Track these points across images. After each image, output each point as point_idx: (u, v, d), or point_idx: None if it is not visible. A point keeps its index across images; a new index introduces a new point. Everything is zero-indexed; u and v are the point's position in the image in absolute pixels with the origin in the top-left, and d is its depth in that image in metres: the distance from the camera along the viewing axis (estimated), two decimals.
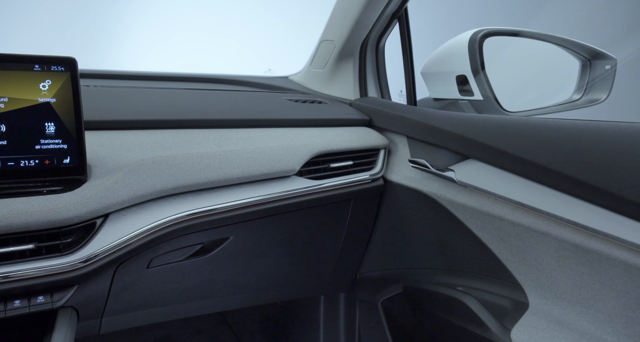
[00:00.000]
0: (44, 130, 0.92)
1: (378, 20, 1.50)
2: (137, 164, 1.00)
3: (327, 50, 1.65)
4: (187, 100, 1.39)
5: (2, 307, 0.85)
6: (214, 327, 1.82)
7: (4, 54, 0.87)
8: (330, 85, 1.71)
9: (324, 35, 1.65)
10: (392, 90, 1.64)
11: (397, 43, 1.51)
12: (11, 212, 0.83)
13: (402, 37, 1.46)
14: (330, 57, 1.65)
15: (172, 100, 1.36)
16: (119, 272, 1.00)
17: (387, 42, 1.59)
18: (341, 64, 1.65)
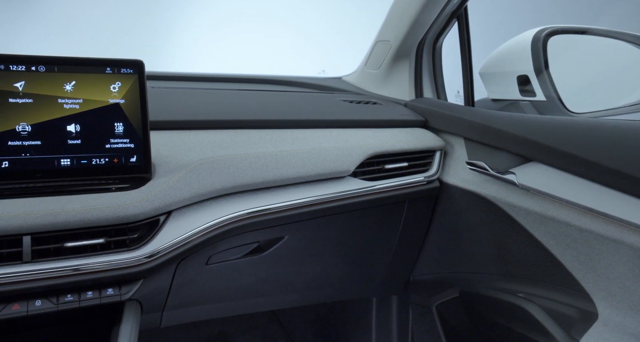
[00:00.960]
0: (114, 130, 0.96)
1: (436, 20, 1.47)
2: (197, 163, 1.03)
3: (383, 51, 1.64)
4: (244, 101, 1.42)
5: (77, 297, 0.89)
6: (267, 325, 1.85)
7: (80, 57, 0.92)
8: (385, 86, 1.70)
9: (379, 36, 1.63)
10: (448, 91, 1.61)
11: (450, 43, 1.49)
12: (84, 208, 0.88)
13: (461, 37, 1.43)
14: (385, 57, 1.63)
15: (229, 101, 1.40)
16: (180, 268, 1.03)
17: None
18: (396, 64, 1.63)
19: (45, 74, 0.90)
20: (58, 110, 0.92)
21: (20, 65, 0.88)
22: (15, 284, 0.83)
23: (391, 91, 1.68)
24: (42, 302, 0.87)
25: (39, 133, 0.90)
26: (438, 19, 1.47)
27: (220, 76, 1.74)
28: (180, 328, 1.68)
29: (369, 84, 1.76)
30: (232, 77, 1.76)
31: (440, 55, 1.58)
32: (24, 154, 0.90)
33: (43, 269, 0.84)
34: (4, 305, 0.84)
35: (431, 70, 1.60)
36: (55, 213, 0.85)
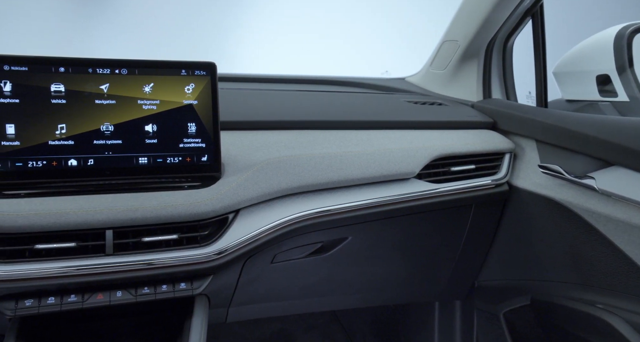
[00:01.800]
0: (187, 130, 1.00)
1: (508, 19, 1.42)
2: (264, 163, 1.05)
3: (450, 51, 1.60)
4: (309, 102, 1.44)
5: (153, 290, 0.94)
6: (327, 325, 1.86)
7: (158, 60, 0.97)
8: (451, 86, 1.66)
9: (446, 35, 1.60)
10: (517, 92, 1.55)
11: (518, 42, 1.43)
12: (160, 205, 0.92)
13: (535, 35, 1.37)
14: (452, 57, 1.60)
15: (295, 102, 1.42)
16: (247, 265, 1.06)
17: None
18: (464, 64, 1.59)
19: (127, 77, 0.95)
20: (137, 111, 0.97)
21: (106, 68, 0.93)
22: (99, 275, 0.88)
23: (457, 92, 1.64)
24: (123, 293, 0.93)
25: (120, 133, 0.96)
26: (510, 18, 1.41)
27: (286, 77, 1.77)
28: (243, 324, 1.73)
29: (434, 84, 1.73)
30: (297, 78, 1.78)
31: (511, 54, 1.52)
32: (107, 153, 0.95)
33: (123, 262, 0.89)
34: (90, 294, 0.90)
35: (500, 70, 1.55)
36: (135, 209, 0.90)
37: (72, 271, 0.86)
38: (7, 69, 0.87)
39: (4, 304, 0.86)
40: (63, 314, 0.90)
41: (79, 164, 0.93)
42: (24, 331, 0.90)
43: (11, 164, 0.89)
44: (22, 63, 0.88)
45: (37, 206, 0.85)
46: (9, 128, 0.88)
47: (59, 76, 0.91)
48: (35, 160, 0.91)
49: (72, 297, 0.89)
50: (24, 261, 0.84)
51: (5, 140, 0.88)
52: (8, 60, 0.87)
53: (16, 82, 0.88)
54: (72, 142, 0.93)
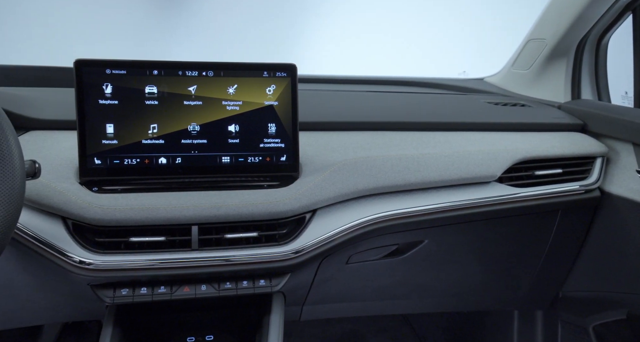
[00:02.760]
0: (267, 131, 1.03)
1: (604, 15, 1.33)
2: (341, 163, 1.06)
3: (535, 50, 1.53)
4: (385, 103, 1.43)
5: (234, 285, 0.97)
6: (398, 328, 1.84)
7: (242, 63, 1.00)
8: (535, 87, 1.58)
9: (532, 34, 1.53)
10: None
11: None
12: (241, 203, 0.95)
13: (636, 31, 1.27)
14: (538, 57, 1.52)
15: (370, 103, 1.41)
16: (323, 265, 1.07)
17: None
18: (551, 64, 1.51)
19: (213, 79, 0.99)
20: (222, 112, 1.01)
21: (194, 71, 0.98)
22: (185, 268, 0.93)
23: (542, 93, 1.56)
24: (207, 287, 0.97)
25: (205, 132, 1.00)
26: (607, 13, 1.32)
27: (362, 78, 1.77)
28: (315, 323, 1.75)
29: (516, 85, 1.65)
30: (374, 79, 1.78)
31: (606, 53, 1.42)
32: (193, 152, 1.00)
33: (207, 257, 0.93)
34: (177, 287, 0.95)
35: (592, 70, 1.46)
36: (218, 206, 0.94)
37: (162, 264, 0.91)
38: (108, 73, 0.94)
39: (104, 291, 0.93)
40: (153, 304, 0.96)
41: (168, 162, 0.99)
42: (119, 318, 0.97)
43: (110, 161, 0.96)
44: (121, 67, 0.94)
45: (132, 201, 0.91)
46: (108, 128, 0.95)
47: (153, 79, 0.96)
48: (130, 158, 0.97)
49: (161, 288, 0.95)
50: (120, 253, 0.91)
51: (106, 139, 0.95)
52: (109, 64, 0.94)
53: (116, 84, 0.95)
54: (162, 142, 0.98)
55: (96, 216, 0.88)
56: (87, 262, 0.88)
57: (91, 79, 0.93)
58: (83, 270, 0.88)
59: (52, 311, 1.08)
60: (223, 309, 1.10)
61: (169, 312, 1.08)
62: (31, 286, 0.99)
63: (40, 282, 0.98)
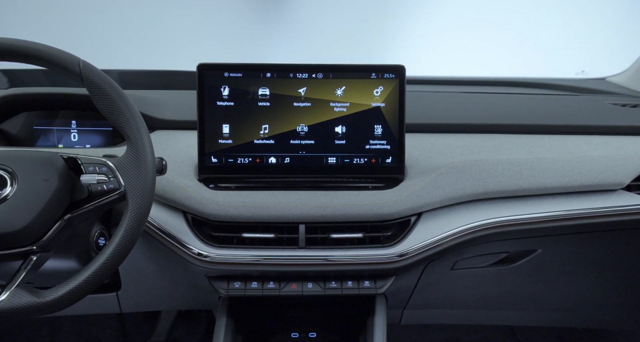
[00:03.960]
0: (373, 132, 1.03)
1: None
2: (448, 166, 1.03)
3: None
4: (495, 104, 1.36)
5: (339, 285, 0.99)
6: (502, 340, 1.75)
7: (350, 64, 1.01)
8: None
9: None
10: None
11: None
12: (347, 203, 0.96)
13: None
14: None
15: (479, 104, 1.36)
16: (427, 269, 1.05)
17: None
18: None
19: (322, 81, 1.02)
20: (329, 113, 1.02)
21: (304, 73, 1.01)
22: (293, 266, 0.96)
23: None
24: (313, 285, 1.00)
25: (313, 133, 1.03)
26: None
27: (470, 79, 1.70)
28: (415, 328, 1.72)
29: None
30: (481, 80, 1.70)
31: None
32: (301, 152, 1.03)
33: (314, 256, 0.96)
34: (285, 283, 0.99)
35: None
36: (325, 206, 0.96)
37: (270, 260, 0.95)
38: (226, 76, 1.00)
39: (219, 283, 0.99)
40: (261, 298, 1.00)
41: (278, 161, 1.03)
42: (231, 309, 1.03)
43: (225, 160, 1.02)
44: (238, 70, 1.00)
45: (245, 198, 0.96)
46: (224, 128, 1.01)
47: (266, 81, 1.01)
48: (243, 157, 1.02)
49: (270, 284, 0.99)
50: (232, 247, 0.96)
51: (222, 138, 1.01)
52: (228, 67, 0.99)
53: (232, 86, 1.00)
54: (272, 142, 1.02)
55: (213, 212, 0.94)
56: (204, 255, 0.94)
57: (211, 81, 1.00)
58: (201, 261, 0.94)
59: (171, 298, 1.17)
60: (326, 307, 1.12)
61: (274, 307, 1.12)
62: (155, 274, 1.08)
63: (163, 271, 1.07)
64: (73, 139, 1.16)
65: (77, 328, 1.60)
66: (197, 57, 1.03)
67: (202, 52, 3.23)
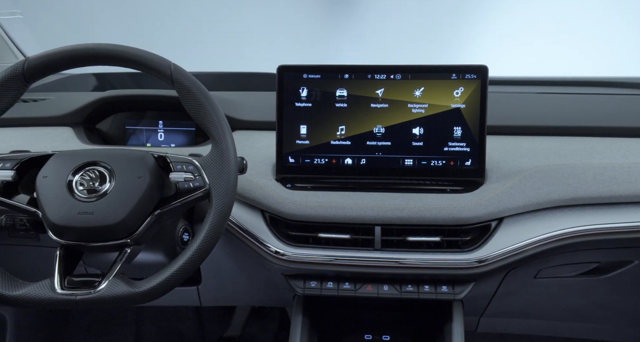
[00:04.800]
0: (452, 134, 1.01)
1: None
2: (532, 170, 0.98)
3: None
4: (584, 106, 1.28)
5: (416, 289, 0.97)
6: None
7: (430, 65, 0.99)
8: None
9: None
10: None
11: None
12: (424, 206, 0.94)
13: None
14: None
15: (567, 105, 1.28)
16: (508, 277, 1.01)
17: None
18: None
19: (400, 82, 1.00)
20: (407, 115, 1.01)
21: (382, 74, 1.00)
22: (368, 267, 0.95)
23: None
24: (389, 288, 0.98)
25: (389, 135, 1.02)
26: None
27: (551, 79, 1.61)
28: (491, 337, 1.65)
29: None
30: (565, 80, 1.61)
31: None
32: (377, 153, 1.02)
33: (390, 258, 0.94)
34: (361, 285, 0.99)
35: None
36: (401, 208, 0.94)
37: (346, 261, 0.95)
38: (305, 77, 1.01)
39: (295, 282, 1.00)
40: (337, 299, 1.00)
41: (354, 162, 1.03)
42: (306, 308, 1.04)
43: (302, 160, 1.03)
44: (316, 71, 1.01)
45: (321, 198, 0.97)
46: (302, 129, 1.02)
47: (344, 82, 1.01)
48: (320, 158, 1.03)
49: (346, 284, 0.99)
50: (308, 247, 0.97)
51: (299, 139, 1.02)
52: (306, 69, 1.01)
53: (310, 88, 1.01)
54: (349, 143, 1.02)
55: (290, 211, 0.95)
56: (281, 253, 0.96)
57: (290, 83, 1.01)
58: (278, 260, 0.96)
59: (247, 294, 1.21)
60: (400, 311, 1.11)
61: (348, 308, 1.12)
62: (233, 270, 1.11)
63: (240, 267, 1.10)
64: (160, 138, 1.22)
65: (158, 319, 1.69)
66: (265, 58, 1.06)
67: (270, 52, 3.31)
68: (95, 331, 1.65)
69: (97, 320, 1.67)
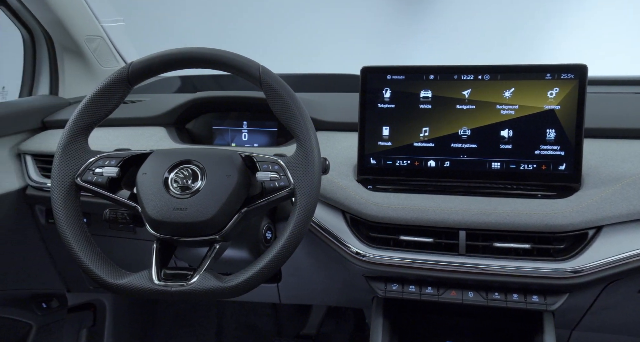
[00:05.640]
0: (544, 137, 0.96)
1: None
2: (637, 176, 0.91)
3: None
4: None
5: (504, 297, 0.93)
6: None
7: (522, 65, 0.95)
8: None
9: None
10: None
11: None
12: (514, 211, 0.90)
13: None
14: None
15: None
16: (607, 290, 0.94)
17: None
18: None
19: (488, 82, 0.97)
20: (495, 116, 0.97)
21: (469, 74, 0.97)
22: (452, 272, 0.92)
23: None
24: (474, 294, 0.95)
25: (475, 137, 0.98)
26: None
27: None
28: None
29: None
30: None
31: None
32: (462, 156, 0.99)
33: (475, 264, 0.91)
34: (444, 290, 0.96)
35: None
36: (488, 213, 0.91)
37: (428, 265, 0.93)
38: (389, 78, 1.00)
39: (376, 284, 0.99)
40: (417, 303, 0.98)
41: (437, 165, 1.00)
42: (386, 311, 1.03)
43: (383, 161, 1.02)
44: (400, 72, 1.00)
45: (403, 200, 0.95)
46: (384, 130, 1.01)
47: (428, 83, 0.99)
48: (402, 160, 1.02)
49: (428, 289, 0.97)
50: (389, 249, 0.96)
51: (381, 140, 1.02)
52: (390, 70, 1.00)
53: (394, 89, 1.00)
54: (432, 145, 1.00)
55: (371, 212, 0.95)
56: (362, 254, 0.95)
57: (373, 84, 1.01)
58: (358, 261, 0.95)
59: (325, 294, 1.22)
60: (483, 318, 1.06)
61: (428, 313, 1.09)
62: (312, 269, 1.12)
63: (320, 267, 1.11)
64: (244, 138, 1.27)
65: (237, 313, 1.75)
66: (339, 59, 1.06)
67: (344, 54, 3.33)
68: (180, 321, 1.74)
69: (182, 311, 1.75)
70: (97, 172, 0.83)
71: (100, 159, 0.84)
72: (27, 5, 1.30)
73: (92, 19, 1.40)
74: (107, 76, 0.84)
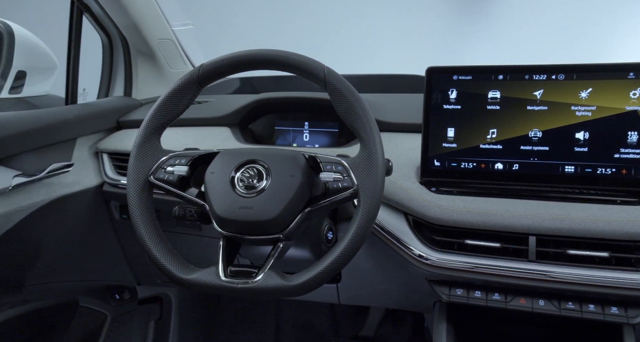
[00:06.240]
0: (626, 140, 0.90)
1: None
2: None
3: None
4: None
5: (579, 307, 0.88)
6: None
7: (600, 64, 0.90)
8: None
9: None
10: None
11: None
12: (589, 218, 0.85)
13: None
14: None
15: None
16: None
17: None
18: None
19: (563, 82, 0.92)
20: (569, 118, 0.92)
21: (542, 74, 0.93)
22: (521, 279, 0.88)
23: None
24: (545, 303, 0.91)
25: (547, 139, 0.94)
26: None
27: None
28: None
29: None
30: None
31: None
32: (532, 159, 0.95)
33: (546, 271, 0.87)
34: (512, 297, 0.92)
35: None
36: (561, 219, 0.86)
37: (495, 270, 0.90)
38: (455, 79, 0.98)
39: (440, 288, 0.97)
40: (481, 308, 0.95)
41: (505, 168, 0.97)
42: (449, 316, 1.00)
43: (448, 163, 1.00)
44: (467, 72, 0.97)
45: (468, 204, 0.92)
46: (449, 131, 0.99)
47: (497, 83, 0.96)
48: (467, 162, 0.99)
49: (495, 295, 0.93)
50: (453, 253, 0.93)
51: (446, 142, 0.99)
52: (457, 70, 0.97)
53: (460, 90, 0.98)
54: (500, 147, 0.97)
55: (435, 215, 0.93)
56: (425, 257, 0.93)
57: (439, 85, 0.99)
58: (422, 264, 0.94)
59: (385, 296, 1.20)
60: (553, 329, 1.01)
61: (494, 320, 1.05)
62: (372, 271, 1.11)
63: (380, 268, 1.10)
64: (305, 138, 1.28)
65: (296, 312, 1.77)
66: (399, 59, 1.04)
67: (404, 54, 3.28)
68: (241, 317, 1.78)
69: (243, 307, 1.79)
70: (168, 170, 0.86)
71: (171, 158, 0.87)
72: (108, 12, 1.38)
73: (164, 23, 1.46)
74: (179, 78, 0.87)
